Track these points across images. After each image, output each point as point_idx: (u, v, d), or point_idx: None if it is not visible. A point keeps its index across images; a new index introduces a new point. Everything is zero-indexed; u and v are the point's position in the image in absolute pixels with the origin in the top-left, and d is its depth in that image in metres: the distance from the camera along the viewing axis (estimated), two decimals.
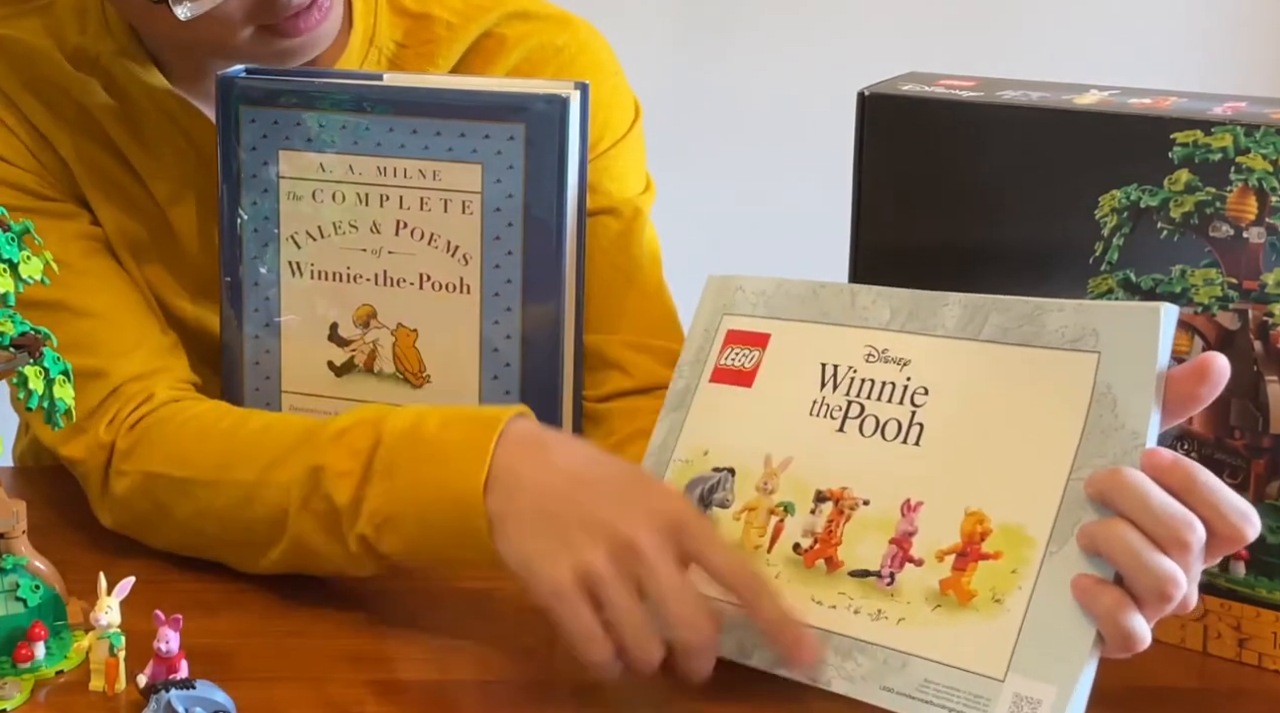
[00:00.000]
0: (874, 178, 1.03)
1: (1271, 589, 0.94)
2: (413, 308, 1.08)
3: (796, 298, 0.96)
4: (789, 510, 0.91)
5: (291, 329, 1.10)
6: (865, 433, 0.90)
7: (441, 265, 1.06)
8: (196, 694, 0.84)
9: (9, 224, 0.89)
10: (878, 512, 0.88)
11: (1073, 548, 0.81)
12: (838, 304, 0.94)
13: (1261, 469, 0.94)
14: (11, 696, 0.88)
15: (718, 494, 0.94)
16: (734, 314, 0.99)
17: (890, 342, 0.92)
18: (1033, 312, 0.87)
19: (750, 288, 0.99)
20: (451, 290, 1.07)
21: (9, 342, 0.89)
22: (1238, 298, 0.93)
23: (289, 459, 0.98)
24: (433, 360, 1.08)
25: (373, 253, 1.07)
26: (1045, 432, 0.84)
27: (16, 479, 1.19)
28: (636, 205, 1.18)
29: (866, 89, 1.02)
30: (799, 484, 0.91)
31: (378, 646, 0.96)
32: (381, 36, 1.17)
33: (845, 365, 0.92)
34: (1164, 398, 0.83)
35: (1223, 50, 2.20)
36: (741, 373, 0.96)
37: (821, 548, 0.89)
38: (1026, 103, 0.98)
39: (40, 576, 0.93)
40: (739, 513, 0.93)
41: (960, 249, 1.00)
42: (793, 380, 0.94)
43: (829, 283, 0.96)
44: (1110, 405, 0.83)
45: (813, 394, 0.93)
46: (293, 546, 0.99)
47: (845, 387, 0.92)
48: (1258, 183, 0.91)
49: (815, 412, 0.92)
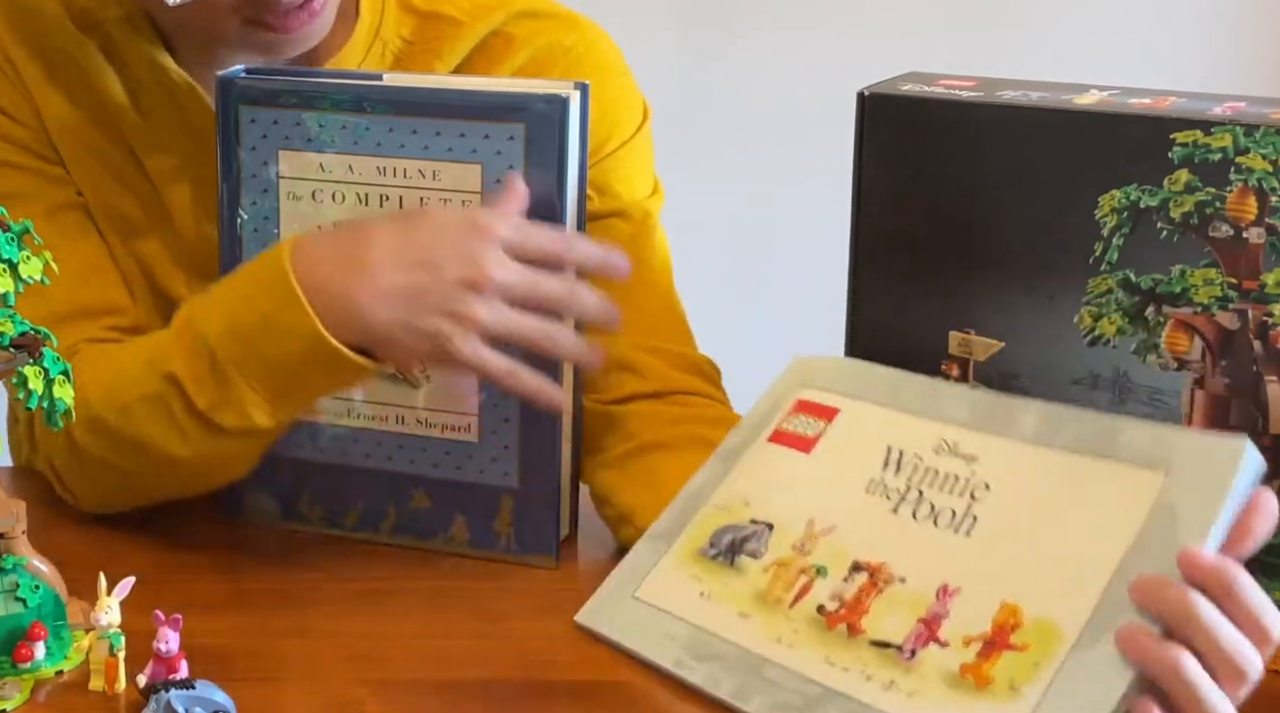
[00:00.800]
0: (874, 178, 1.03)
1: (1272, 589, 0.94)
2: None
3: (877, 381, 0.96)
4: (821, 573, 0.90)
5: None
6: (918, 518, 0.89)
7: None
8: (196, 694, 0.84)
9: (9, 224, 0.89)
10: (913, 590, 0.87)
11: (1102, 648, 0.79)
12: (918, 395, 0.94)
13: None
14: (11, 696, 0.88)
15: (750, 544, 0.94)
16: (809, 386, 0.99)
17: (962, 437, 0.91)
18: (1109, 426, 0.86)
19: (831, 366, 0.99)
20: None
21: (9, 342, 0.89)
22: (1238, 298, 0.93)
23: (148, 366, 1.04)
24: None
25: None
26: (1097, 537, 0.83)
27: (16, 479, 1.19)
28: (646, 208, 1.18)
29: (866, 89, 1.02)
30: (837, 552, 0.91)
31: (378, 646, 0.96)
32: (388, 31, 1.17)
33: (912, 452, 0.92)
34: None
35: (1223, 50, 2.20)
36: (802, 439, 0.97)
37: (847, 614, 0.88)
38: (1026, 103, 0.98)
39: (40, 576, 0.93)
40: (768, 565, 0.92)
41: (960, 249, 1.00)
42: (854, 457, 0.94)
43: (914, 375, 0.96)
44: (1170, 523, 0.80)
45: (872, 473, 0.93)
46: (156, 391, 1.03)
47: (908, 472, 0.91)
48: (1257, 183, 0.91)
49: (871, 490, 0.92)
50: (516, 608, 1.01)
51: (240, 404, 1.01)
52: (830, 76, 1.69)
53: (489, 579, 1.05)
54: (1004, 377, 1.00)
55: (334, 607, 1.01)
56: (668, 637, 0.92)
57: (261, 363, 1.00)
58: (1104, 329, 0.96)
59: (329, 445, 1.10)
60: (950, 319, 1.01)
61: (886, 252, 1.03)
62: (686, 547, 0.96)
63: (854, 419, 0.96)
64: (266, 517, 1.12)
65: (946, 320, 1.01)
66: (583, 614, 0.97)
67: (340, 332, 0.98)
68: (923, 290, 1.02)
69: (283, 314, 0.99)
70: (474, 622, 0.99)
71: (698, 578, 0.94)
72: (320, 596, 1.02)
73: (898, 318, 1.03)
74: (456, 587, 1.04)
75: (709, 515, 0.96)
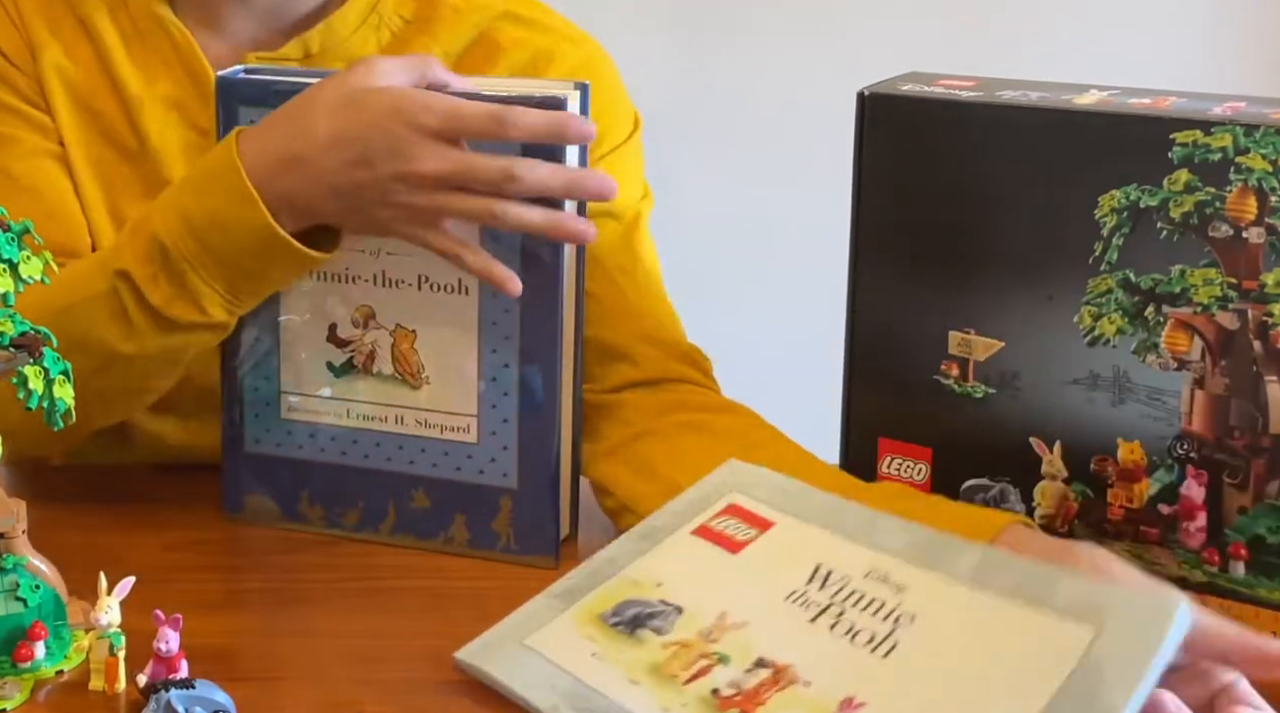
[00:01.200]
0: (874, 178, 1.03)
1: (1271, 589, 0.94)
2: (411, 309, 1.07)
3: (816, 505, 0.94)
4: (723, 661, 0.86)
5: (291, 330, 1.10)
6: (835, 632, 0.86)
7: (440, 266, 1.06)
8: (196, 694, 0.84)
9: (9, 224, 0.89)
10: (816, 695, 0.83)
11: None
12: (857, 523, 0.91)
13: (1261, 469, 0.94)
14: (11, 696, 0.88)
15: (655, 621, 0.90)
16: (745, 494, 0.97)
17: (896, 567, 0.88)
18: (1048, 575, 0.83)
19: (771, 480, 0.97)
20: (450, 291, 1.06)
21: (9, 342, 0.89)
22: (1237, 298, 0.93)
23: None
24: (431, 362, 1.08)
25: (371, 253, 1.07)
26: (1018, 684, 0.79)
27: (16, 479, 1.19)
28: (637, 209, 1.19)
29: (866, 89, 1.02)
30: (744, 645, 0.87)
31: (378, 646, 0.96)
32: (388, 9, 1.19)
33: (841, 573, 0.89)
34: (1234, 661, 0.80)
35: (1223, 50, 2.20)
36: (730, 540, 0.94)
37: (743, 702, 0.84)
38: (1026, 103, 0.98)
39: (40, 575, 0.93)
40: (670, 643, 0.88)
41: (960, 249, 1.00)
42: (781, 567, 0.91)
43: (855, 504, 0.93)
44: (1095, 679, 0.78)
45: (796, 585, 0.89)
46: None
47: (834, 590, 0.88)
48: (1257, 183, 0.91)
49: (792, 599, 0.89)
50: (516, 608, 1.01)
51: (195, 298, 1.02)
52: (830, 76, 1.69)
53: (489, 579, 1.05)
54: (1004, 376, 1.00)
55: (334, 607, 1.01)
56: (550, 685, 0.88)
57: (214, 258, 1.02)
58: (1104, 329, 0.96)
59: (329, 445, 1.10)
60: (950, 319, 1.01)
61: (887, 252, 1.03)
62: (588, 609, 0.93)
63: (787, 533, 0.93)
64: (267, 516, 1.12)
65: (946, 320, 1.01)
66: (465, 652, 0.93)
67: (292, 221, 1.01)
68: (923, 290, 1.02)
69: (233, 210, 1.01)
70: (474, 622, 0.99)
71: (593, 639, 0.90)
72: (320, 595, 1.02)
73: (898, 318, 1.03)
74: (456, 587, 1.04)
75: (618, 586, 0.93)
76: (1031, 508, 1.00)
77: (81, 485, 1.17)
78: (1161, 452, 0.96)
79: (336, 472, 1.10)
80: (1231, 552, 0.95)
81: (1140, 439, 0.97)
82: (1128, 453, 0.97)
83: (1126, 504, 0.98)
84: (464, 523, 1.09)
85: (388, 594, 1.03)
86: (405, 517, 1.10)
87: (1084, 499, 0.99)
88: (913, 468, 1.04)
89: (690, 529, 0.96)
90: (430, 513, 1.09)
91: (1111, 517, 0.98)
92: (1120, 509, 0.98)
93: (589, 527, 1.11)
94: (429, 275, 1.07)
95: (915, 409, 1.03)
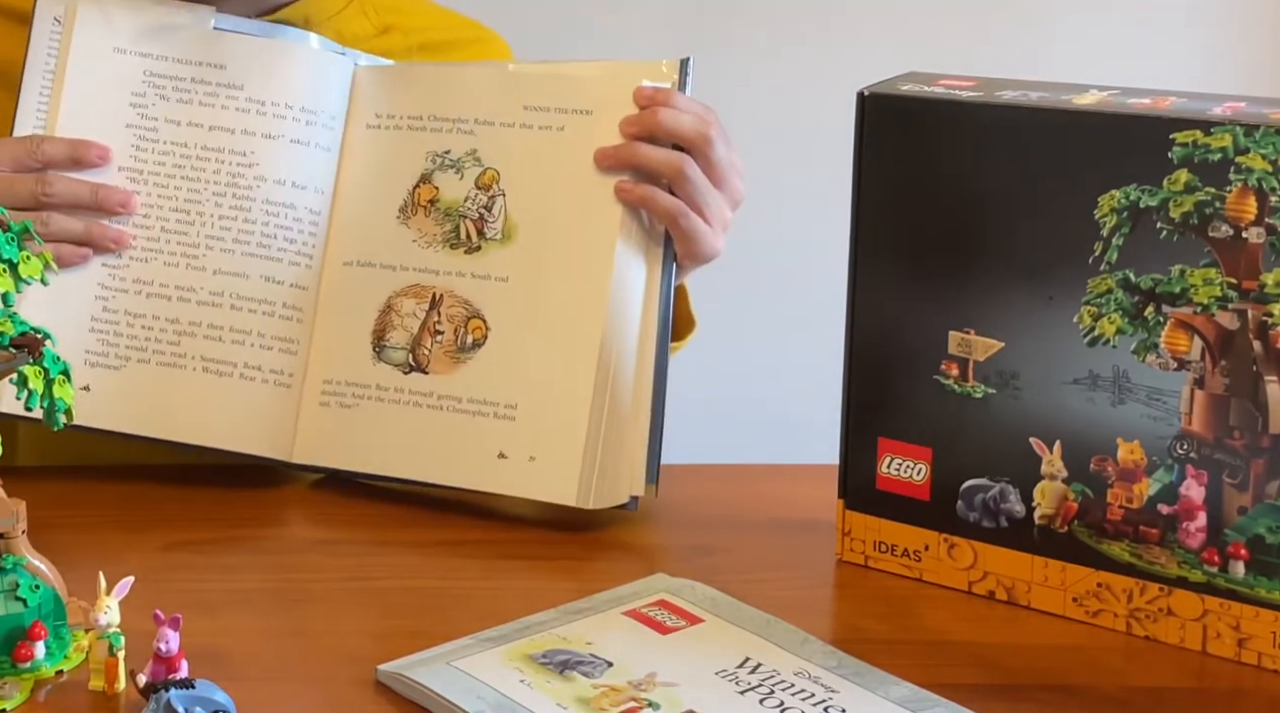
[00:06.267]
0: (874, 178, 1.03)
1: (1271, 589, 0.94)
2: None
3: (748, 618, 0.96)
4: (653, 706, 0.87)
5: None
6: (766, 705, 0.87)
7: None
8: (196, 694, 0.84)
9: (9, 224, 0.89)
10: None
11: None
12: (788, 639, 0.94)
13: (1261, 469, 0.94)
14: (11, 696, 0.88)
15: (584, 667, 0.91)
16: (676, 595, 0.99)
17: (825, 675, 0.90)
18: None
19: (701, 591, 0.99)
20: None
21: (9, 342, 0.89)
22: (1237, 298, 0.93)
23: None
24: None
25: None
26: None
27: (16, 479, 1.19)
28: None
29: (866, 89, 1.02)
30: (674, 699, 0.88)
31: (378, 646, 0.96)
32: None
33: (771, 666, 0.91)
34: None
35: (1223, 50, 2.20)
36: (660, 625, 0.95)
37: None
38: (1026, 103, 0.98)
39: (40, 575, 0.93)
40: (600, 684, 0.89)
41: (960, 249, 1.00)
42: (712, 658, 0.92)
43: (783, 622, 0.95)
44: None
45: (727, 666, 0.91)
46: None
47: (764, 676, 0.90)
48: (1257, 183, 0.91)
49: (722, 676, 0.90)
50: (518, 609, 1.01)
51: None
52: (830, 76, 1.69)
53: (490, 579, 1.05)
54: (1004, 376, 1.00)
55: (334, 607, 1.01)
56: (476, 695, 0.88)
57: None
58: (1104, 329, 0.96)
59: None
60: (950, 319, 1.01)
61: (886, 251, 1.03)
62: (519, 649, 0.93)
63: (717, 630, 0.95)
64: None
65: (946, 320, 1.01)
66: (387, 667, 0.91)
67: None
68: (923, 290, 1.02)
69: None
70: (474, 622, 0.99)
71: (521, 670, 0.90)
72: (320, 595, 1.02)
73: (898, 318, 1.03)
74: (457, 586, 1.04)
75: (548, 639, 0.94)
76: (1031, 508, 1.00)
77: (81, 486, 1.17)
78: (1161, 452, 0.96)
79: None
80: (1231, 552, 0.95)
81: (1140, 439, 0.97)
82: (1127, 453, 0.97)
83: (1126, 504, 0.98)
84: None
85: (388, 594, 1.03)
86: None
87: (1084, 499, 0.99)
88: (913, 468, 1.04)
89: (621, 611, 0.97)
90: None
91: (1111, 517, 0.98)
92: (1120, 509, 0.98)
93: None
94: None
95: (915, 409, 1.03)
